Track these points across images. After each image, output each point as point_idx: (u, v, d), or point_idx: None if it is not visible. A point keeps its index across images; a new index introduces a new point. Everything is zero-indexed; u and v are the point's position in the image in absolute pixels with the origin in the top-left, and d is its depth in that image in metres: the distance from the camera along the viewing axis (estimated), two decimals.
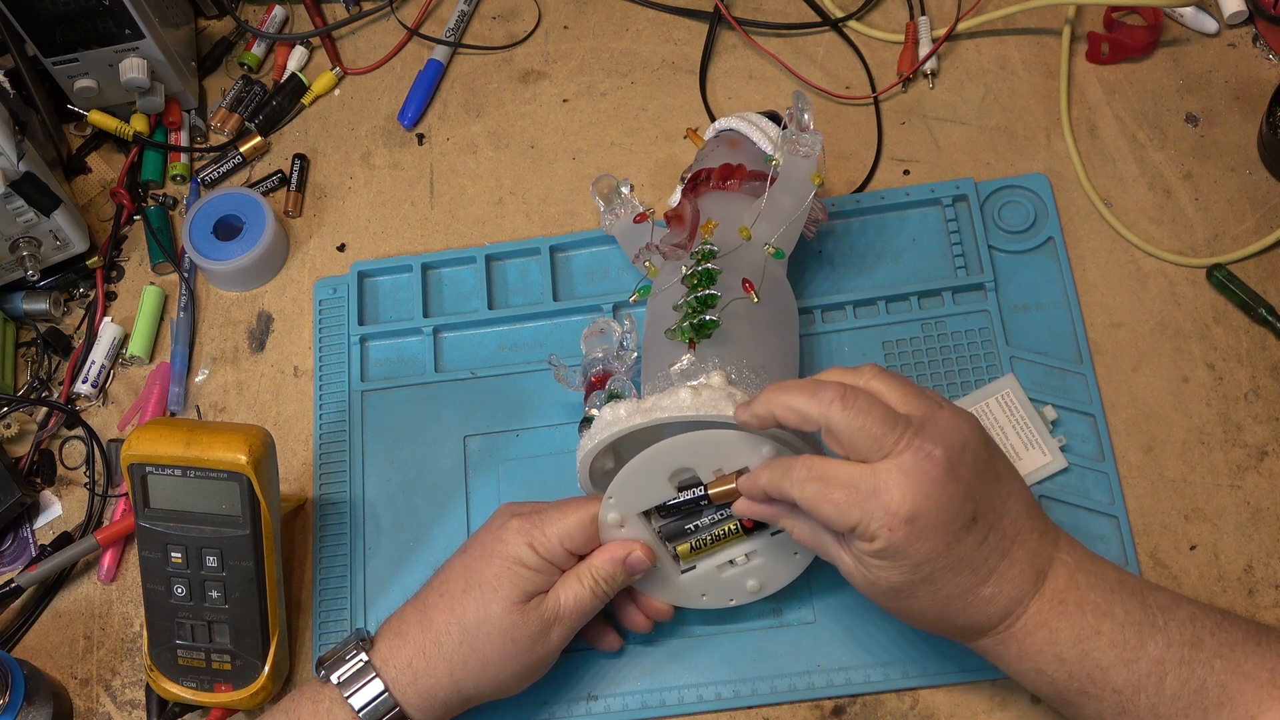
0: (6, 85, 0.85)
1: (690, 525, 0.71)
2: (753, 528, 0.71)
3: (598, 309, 0.85)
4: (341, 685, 0.67)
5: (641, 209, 0.82)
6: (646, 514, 0.70)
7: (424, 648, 0.68)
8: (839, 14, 0.94)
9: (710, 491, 0.68)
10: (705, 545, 0.71)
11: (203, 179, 0.94)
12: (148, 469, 0.70)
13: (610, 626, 0.75)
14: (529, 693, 0.72)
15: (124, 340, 0.89)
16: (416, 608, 0.70)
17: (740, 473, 0.68)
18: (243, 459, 0.69)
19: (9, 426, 0.86)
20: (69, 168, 0.95)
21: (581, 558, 0.71)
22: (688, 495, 0.69)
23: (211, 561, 0.72)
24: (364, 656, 0.68)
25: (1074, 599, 0.62)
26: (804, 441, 0.68)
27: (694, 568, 0.72)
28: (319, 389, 0.86)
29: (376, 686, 0.67)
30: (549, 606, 0.69)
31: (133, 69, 0.88)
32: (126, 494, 0.81)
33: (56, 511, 0.85)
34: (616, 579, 0.70)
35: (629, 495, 0.69)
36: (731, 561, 0.72)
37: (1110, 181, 0.87)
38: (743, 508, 0.68)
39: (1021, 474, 0.77)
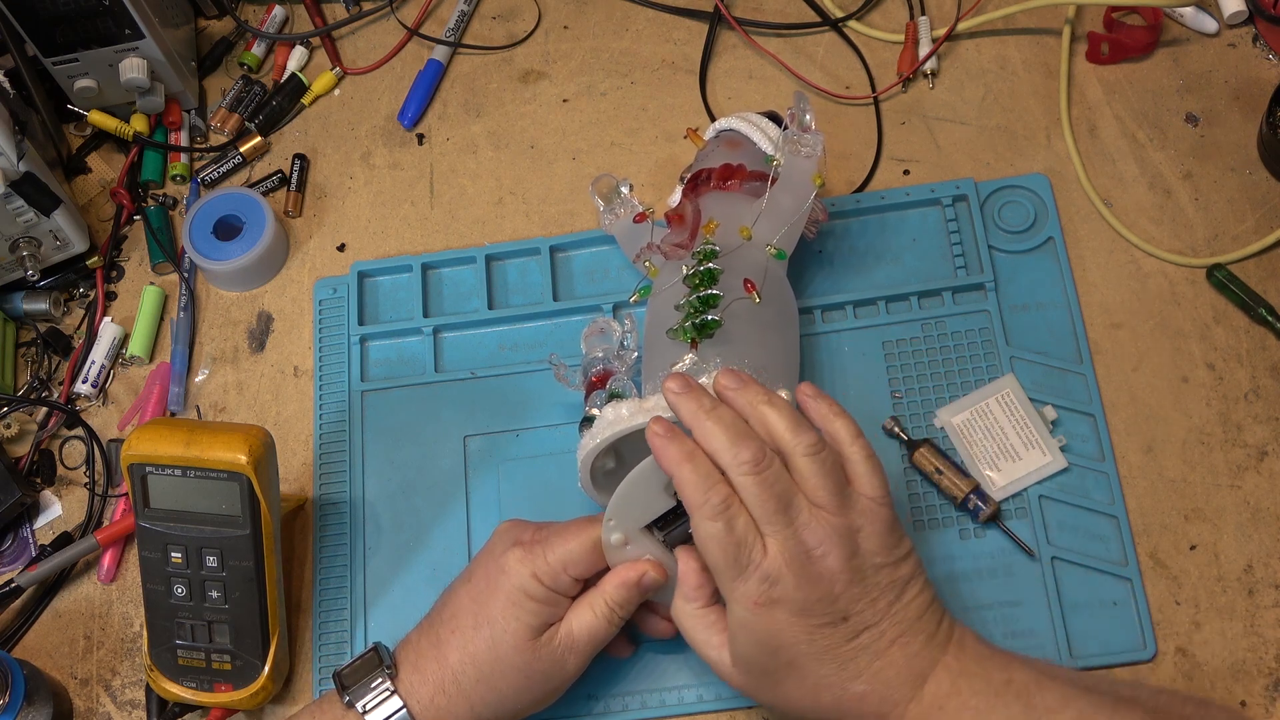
0: (6, 85, 0.85)
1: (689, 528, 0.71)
2: None
3: (598, 309, 0.85)
4: (367, 714, 0.67)
5: (641, 209, 0.82)
6: (649, 528, 0.70)
7: (443, 685, 0.67)
8: (839, 14, 0.94)
9: None
10: None
11: (203, 179, 0.94)
12: (148, 469, 0.70)
13: (623, 635, 0.74)
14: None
15: (124, 340, 0.89)
16: (431, 641, 0.69)
17: None
18: (243, 459, 0.69)
19: (9, 426, 0.86)
20: (69, 168, 0.95)
21: (589, 581, 0.70)
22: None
23: (211, 561, 0.72)
24: (390, 686, 0.67)
25: (954, 705, 0.61)
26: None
27: None
28: (319, 389, 0.86)
29: None
30: (561, 640, 0.68)
31: (133, 69, 0.88)
32: (126, 494, 0.81)
33: (56, 511, 0.85)
34: (631, 603, 0.69)
35: (628, 513, 0.68)
36: None
37: (1110, 181, 0.87)
38: (682, 556, 0.67)
39: (1021, 474, 0.78)
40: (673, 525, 0.70)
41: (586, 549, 0.68)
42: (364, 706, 0.67)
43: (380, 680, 0.67)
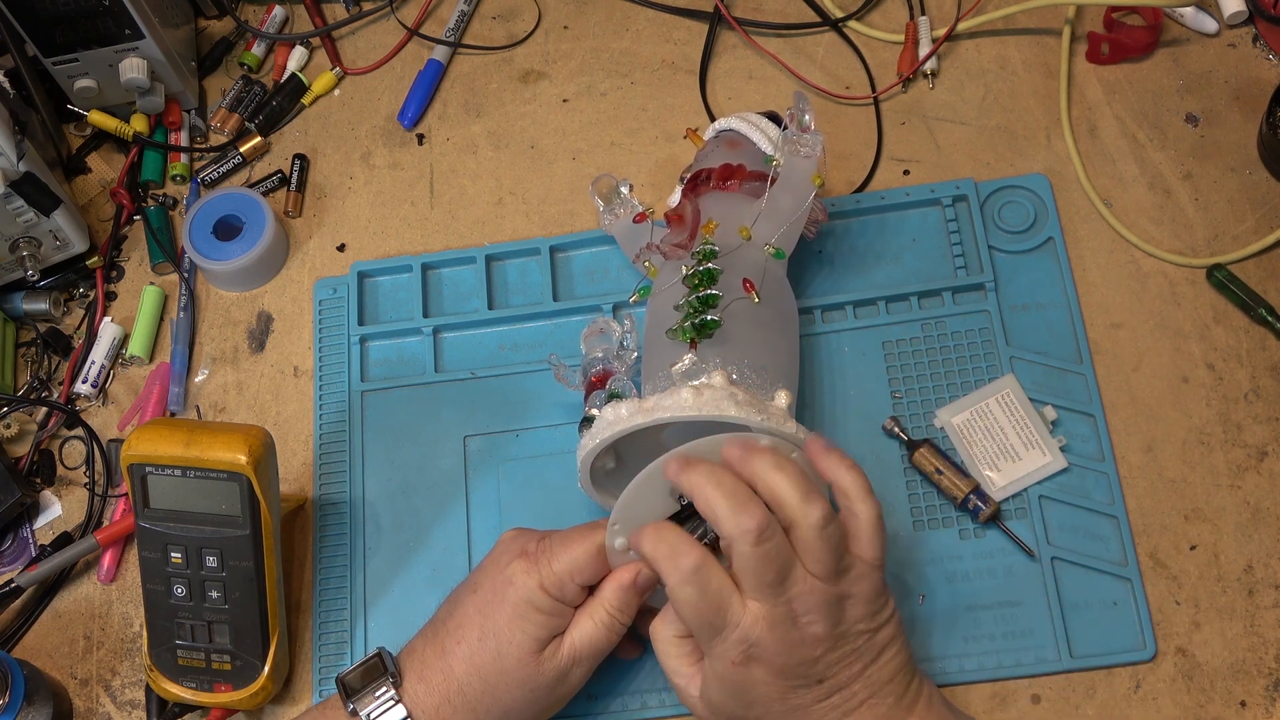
0: (6, 85, 0.85)
1: (699, 531, 0.71)
2: None
3: (598, 309, 0.85)
4: None
5: (641, 209, 0.82)
6: None
7: (449, 696, 0.67)
8: (839, 14, 0.94)
9: None
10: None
11: (203, 179, 0.94)
12: (148, 469, 0.70)
13: (630, 636, 0.74)
14: None
15: (124, 340, 0.89)
16: (436, 651, 0.69)
17: None
18: (243, 459, 0.69)
19: (9, 426, 0.86)
20: (69, 168, 0.95)
21: (593, 589, 0.70)
22: (688, 501, 0.68)
23: (211, 561, 0.72)
24: (394, 694, 0.67)
25: None
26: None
27: None
28: (319, 389, 0.86)
29: None
30: (565, 653, 0.68)
31: (133, 69, 0.88)
32: (126, 494, 0.81)
33: (56, 511, 0.85)
34: (631, 606, 0.69)
35: (632, 517, 0.68)
36: None
37: (1110, 181, 0.87)
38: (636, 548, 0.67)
39: (1021, 474, 0.78)
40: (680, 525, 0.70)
41: (592, 555, 0.68)
42: (368, 715, 0.67)
43: (384, 688, 0.67)
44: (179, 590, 0.73)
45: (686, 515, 0.69)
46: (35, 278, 0.88)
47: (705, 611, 0.61)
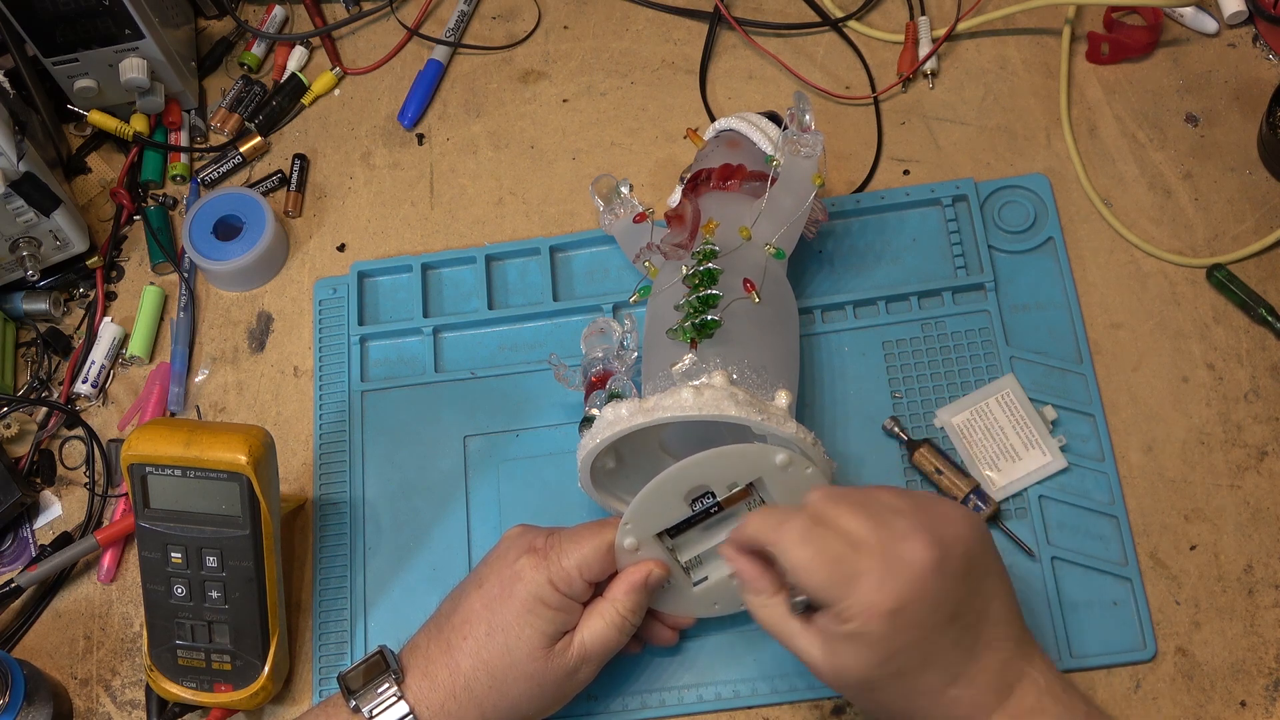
0: (6, 85, 0.85)
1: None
2: None
3: (598, 309, 0.85)
4: (374, 719, 0.66)
5: (641, 209, 0.82)
6: (661, 535, 0.70)
7: (455, 692, 0.67)
8: (839, 14, 0.94)
9: (721, 502, 0.69)
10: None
11: (203, 179, 0.94)
12: (148, 469, 0.70)
13: (663, 624, 0.74)
14: None
15: (124, 340, 0.89)
16: (441, 647, 0.68)
17: (751, 487, 0.68)
18: (243, 459, 0.69)
19: (9, 426, 0.86)
20: (69, 168, 0.95)
21: (599, 587, 0.70)
22: (699, 508, 0.69)
23: (211, 562, 0.72)
24: (397, 691, 0.67)
25: None
26: (812, 451, 0.68)
27: (706, 579, 0.72)
28: (319, 389, 0.86)
29: None
30: (574, 650, 0.68)
31: (133, 69, 0.88)
32: (126, 494, 0.81)
33: (56, 511, 0.85)
34: (641, 606, 0.69)
35: (645, 520, 0.68)
36: None
37: (1110, 181, 0.87)
38: (728, 554, 0.66)
39: (1021, 474, 0.78)
40: (682, 533, 0.70)
41: (601, 552, 0.68)
42: (370, 712, 0.67)
43: (387, 685, 0.67)
44: (179, 590, 0.73)
45: (697, 521, 0.69)
46: (35, 278, 0.88)
47: (828, 564, 0.60)
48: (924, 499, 0.63)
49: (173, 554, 0.72)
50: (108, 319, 0.90)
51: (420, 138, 0.94)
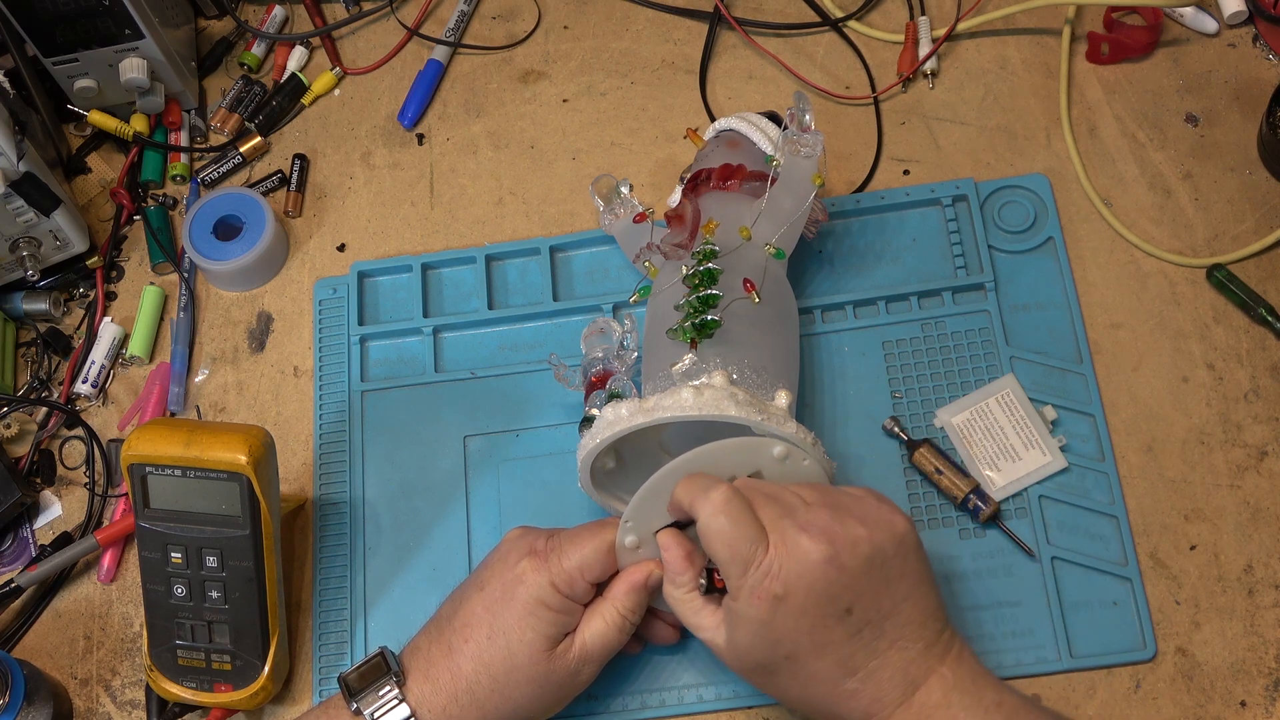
0: (6, 85, 0.85)
1: None
2: None
3: (598, 309, 0.85)
4: None
5: (641, 209, 0.82)
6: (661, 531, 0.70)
7: (456, 695, 0.67)
8: (839, 14, 0.94)
9: None
10: None
11: (203, 179, 0.94)
12: (148, 469, 0.70)
13: (664, 622, 0.74)
14: None
15: (124, 340, 0.89)
16: (443, 650, 0.68)
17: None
18: (243, 459, 0.69)
19: (9, 426, 0.86)
20: (69, 168, 0.95)
21: (601, 587, 0.70)
22: None
23: (211, 562, 0.72)
24: (398, 693, 0.67)
25: (941, 716, 0.62)
26: (812, 451, 0.68)
27: None
28: (319, 389, 0.86)
29: None
30: (576, 651, 0.68)
31: (133, 69, 0.88)
32: (126, 494, 0.81)
33: (56, 511, 0.85)
34: (641, 606, 0.69)
35: (646, 516, 0.68)
36: None
37: (1110, 181, 0.87)
38: (664, 542, 0.68)
39: (1021, 474, 0.78)
40: (683, 529, 0.70)
41: (602, 553, 0.68)
42: (371, 714, 0.67)
43: (388, 687, 0.67)
44: (179, 590, 0.73)
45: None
46: (35, 278, 0.88)
47: (737, 541, 0.62)
48: (848, 497, 0.65)
49: (173, 554, 0.72)
50: (108, 319, 0.90)
51: (420, 138, 0.95)
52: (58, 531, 0.84)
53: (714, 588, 0.67)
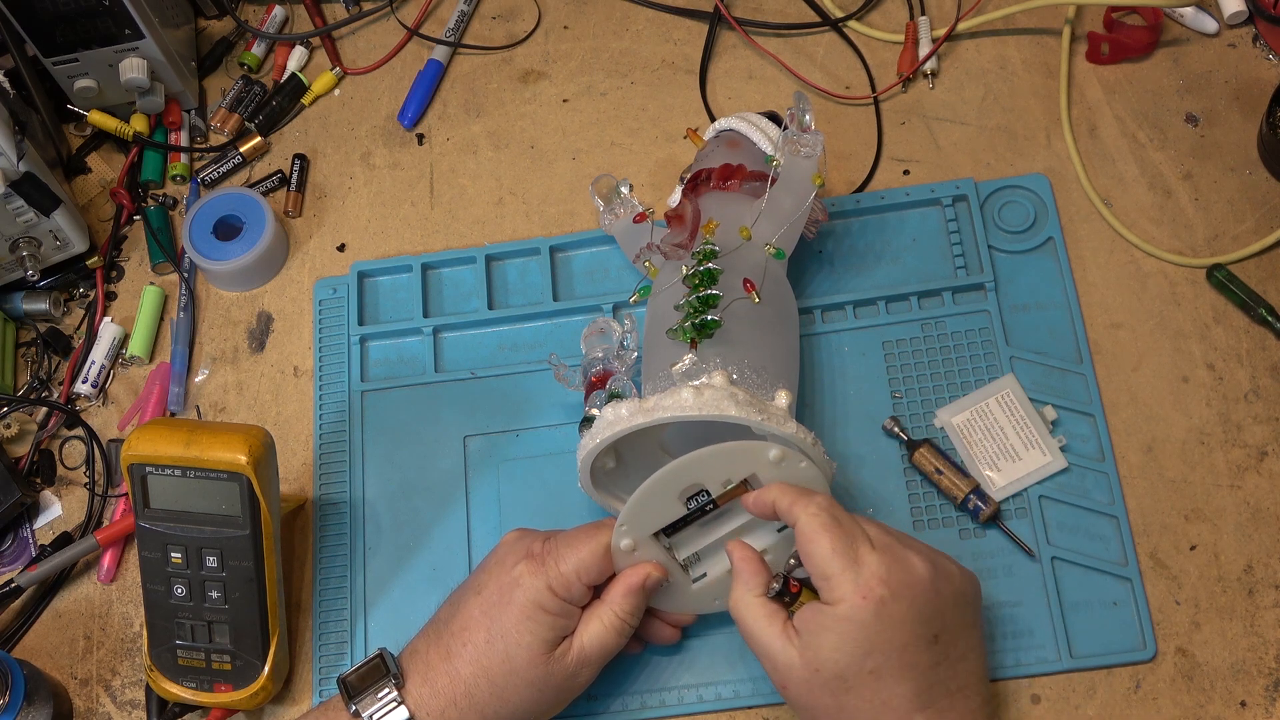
0: (6, 85, 0.85)
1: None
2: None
3: (598, 309, 0.85)
4: None
5: (641, 209, 0.82)
6: (657, 534, 0.70)
7: (455, 699, 0.67)
8: (839, 14, 0.94)
9: (717, 499, 0.69)
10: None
11: (203, 179, 0.94)
12: (148, 469, 0.70)
13: (664, 622, 0.74)
14: None
15: (124, 340, 0.89)
16: (441, 653, 0.68)
17: (746, 483, 0.68)
18: (243, 459, 0.69)
19: (9, 426, 0.86)
20: (69, 168, 0.95)
21: (599, 589, 0.70)
22: (695, 505, 0.69)
23: (211, 562, 0.72)
24: (397, 696, 0.67)
25: None
26: (812, 451, 0.68)
27: (705, 575, 0.72)
28: (319, 389, 0.86)
29: None
30: (574, 654, 0.68)
31: (133, 69, 0.88)
32: (126, 494, 0.81)
33: (56, 511, 0.85)
34: (639, 608, 0.69)
35: (641, 520, 0.68)
36: None
37: (1110, 181, 0.87)
38: (733, 548, 0.68)
39: (1021, 474, 0.78)
40: (679, 531, 0.70)
41: (598, 555, 0.68)
42: (370, 716, 0.67)
43: (387, 690, 0.67)
44: (179, 590, 0.73)
45: (692, 519, 0.69)
46: (35, 278, 0.88)
47: (839, 538, 0.62)
48: (918, 542, 0.67)
49: (173, 554, 0.72)
50: (108, 319, 0.90)
51: (420, 138, 0.95)
52: (58, 531, 0.84)
53: (788, 591, 0.65)
